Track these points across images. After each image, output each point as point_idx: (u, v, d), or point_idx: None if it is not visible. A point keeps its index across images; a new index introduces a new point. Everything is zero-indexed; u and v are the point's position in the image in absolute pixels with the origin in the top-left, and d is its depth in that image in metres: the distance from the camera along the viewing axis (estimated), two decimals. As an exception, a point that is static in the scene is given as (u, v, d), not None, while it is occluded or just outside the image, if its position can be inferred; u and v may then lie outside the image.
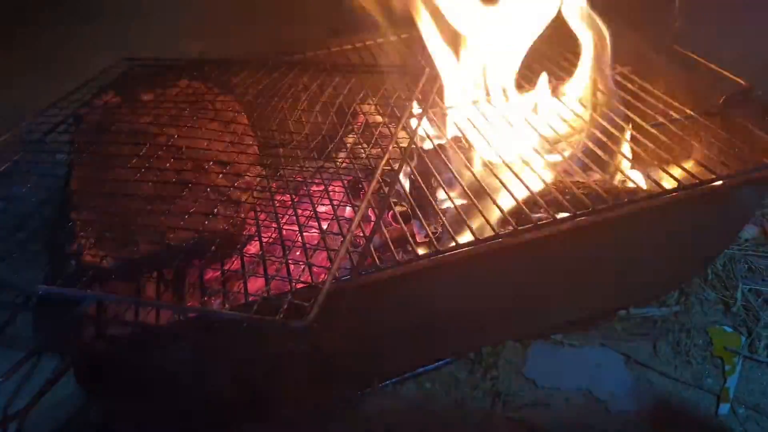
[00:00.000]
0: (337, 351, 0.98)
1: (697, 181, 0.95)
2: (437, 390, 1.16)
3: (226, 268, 0.87)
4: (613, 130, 1.11)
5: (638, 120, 1.13)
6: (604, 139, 1.10)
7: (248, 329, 0.74)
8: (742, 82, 1.11)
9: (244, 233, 0.89)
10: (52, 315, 0.75)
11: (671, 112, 1.14)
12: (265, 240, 0.90)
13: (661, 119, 1.12)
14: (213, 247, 0.79)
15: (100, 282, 0.78)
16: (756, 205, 1.31)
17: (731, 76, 1.11)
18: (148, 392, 0.86)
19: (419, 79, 1.14)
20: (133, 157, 0.93)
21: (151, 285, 0.82)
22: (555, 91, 1.26)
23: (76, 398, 1.00)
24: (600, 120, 1.15)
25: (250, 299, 0.80)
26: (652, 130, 1.09)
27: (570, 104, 1.22)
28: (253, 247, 1.00)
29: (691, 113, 1.12)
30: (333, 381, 1.12)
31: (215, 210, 0.83)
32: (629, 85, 1.23)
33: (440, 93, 1.25)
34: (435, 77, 1.21)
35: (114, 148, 0.97)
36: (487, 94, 1.26)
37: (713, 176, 0.95)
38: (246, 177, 0.92)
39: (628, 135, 1.12)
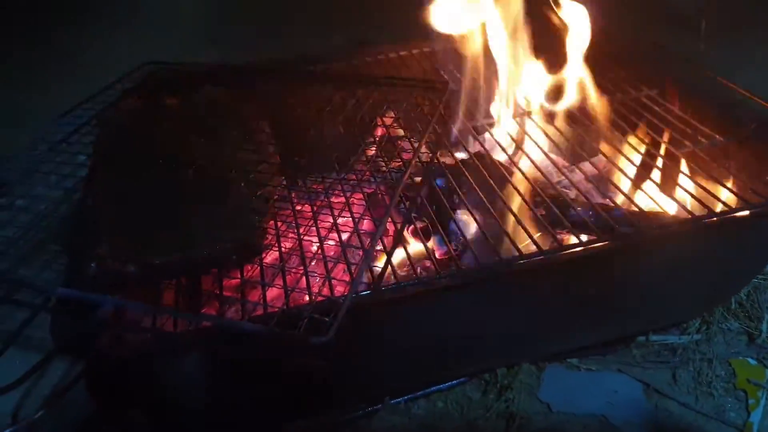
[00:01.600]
0: (350, 365, 0.96)
1: (728, 208, 0.93)
2: (450, 410, 1.14)
3: (245, 278, 0.86)
4: (641, 153, 1.09)
5: (666, 144, 1.12)
6: (631, 161, 1.09)
7: (266, 341, 0.73)
8: (774, 108, 1.09)
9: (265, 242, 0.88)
10: (69, 318, 0.75)
11: (700, 138, 1.12)
12: (284, 250, 0.89)
13: (689, 144, 1.11)
14: (234, 256, 0.79)
15: (119, 287, 0.78)
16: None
17: (763, 102, 1.09)
18: (160, 401, 0.85)
19: (443, 94, 1.14)
20: (155, 161, 0.92)
21: (170, 292, 0.82)
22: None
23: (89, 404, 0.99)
24: (627, 142, 1.14)
25: (269, 311, 0.78)
26: (681, 155, 1.07)
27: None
28: (269, 257, 0.99)
29: (721, 139, 1.10)
30: (344, 395, 1.10)
31: (237, 219, 0.83)
32: (657, 108, 1.22)
33: (463, 108, 1.24)
34: (458, 93, 1.20)
35: (137, 152, 0.97)
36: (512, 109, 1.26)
37: (744, 204, 0.93)
38: (268, 186, 0.91)
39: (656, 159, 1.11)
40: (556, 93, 1.27)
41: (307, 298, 0.80)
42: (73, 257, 0.82)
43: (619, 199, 1.02)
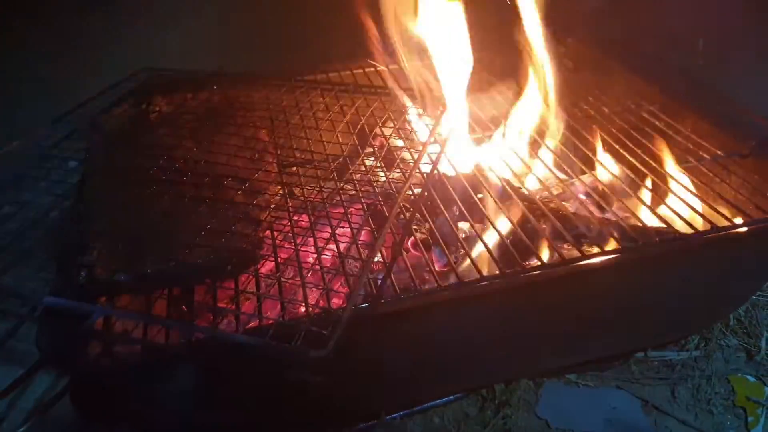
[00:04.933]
0: (345, 379, 0.94)
1: (729, 224, 0.92)
2: (446, 425, 1.12)
3: (240, 288, 0.84)
4: (642, 167, 1.09)
5: (667, 158, 1.11)
6: (632, 175, 1.08)
7: (261, 355, 0.70)
8: (774, 124, 1.09)
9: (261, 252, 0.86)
10: (57, 328, 0.72)
11: (701, 153, 1.11)
12: (280, 261, 0.87)
13: (690, 159, 1.10)
14: (229, 267, 0.76)
15: (109, 296, 0.75)
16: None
17: (762, 118, 1.09)
18: (148, 416, 0.82)
19: (445, 106, 1.13)
20: (149, 168, 0.90)
21: (162, 303, 0.79)
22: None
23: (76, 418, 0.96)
24: (628, 156, 1.13)
25: (265, 323, 0.76)
26: (682, 170, 1.07)
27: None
28: (265, 268, 0.97)
29: (722, 154, 1.09)
30: (338, 410, 1.07)
31: (233, 228, 0.81)
32: (657, 123, 1.21)
33: (465, 120, 1.24)
34: (461, 105, 1.19)
35: (130, 159, 0.95)
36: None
37: (745, 220, 0.92)
38: (265, 195, 0.89)
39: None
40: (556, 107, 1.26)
41: (303, 309, 0.78)
42: (63, 266, 0.80)
43: (621, 213, 1.01)
